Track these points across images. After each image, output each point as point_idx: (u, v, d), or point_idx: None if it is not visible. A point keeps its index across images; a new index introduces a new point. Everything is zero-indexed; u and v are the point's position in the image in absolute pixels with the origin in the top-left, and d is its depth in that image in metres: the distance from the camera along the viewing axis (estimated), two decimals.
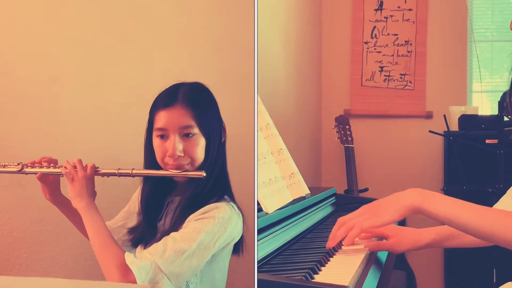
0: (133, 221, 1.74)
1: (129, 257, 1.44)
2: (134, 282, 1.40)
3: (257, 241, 1.42)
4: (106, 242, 1.50)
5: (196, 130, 1.57)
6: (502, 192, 1.69)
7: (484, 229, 1.38)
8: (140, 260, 1.44)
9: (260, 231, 1.45)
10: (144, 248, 1.54)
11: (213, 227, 1.49)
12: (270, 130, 1.87)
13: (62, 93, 2.01)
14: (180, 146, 1.55)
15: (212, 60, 2.10)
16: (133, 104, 2.02)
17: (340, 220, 1.50)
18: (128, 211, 1.78)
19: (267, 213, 1.58)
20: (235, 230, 1.55)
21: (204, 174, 1.53)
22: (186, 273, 1.47)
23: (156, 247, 1.47)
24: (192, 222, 1.50)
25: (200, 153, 1.58)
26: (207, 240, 1.48)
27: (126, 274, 1.42)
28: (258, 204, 1.59)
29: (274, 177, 1.75)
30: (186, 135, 1.56)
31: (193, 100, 1.58)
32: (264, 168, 1.72)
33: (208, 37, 2.12)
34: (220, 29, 2.13)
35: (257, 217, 1.48)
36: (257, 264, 1.37)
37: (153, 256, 1.44)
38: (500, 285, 1.59)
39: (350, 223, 1.45)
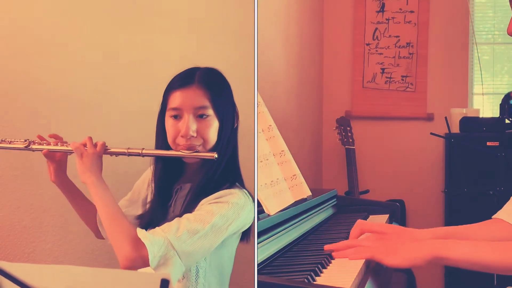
0: (136, 210, 1.73)
1: (141, 232, 1.42)
2: (146, 256, 1.38)
3: (259, 243, 1.42)
4: (116, 216, 1.48)
5: (210, 111, 1.57)
6: (503, 194, 1.70)
7: (508, 264, 1.37)
8: (153, 235, 1.42)
9: (262, 232, 1.45)
10: None
11: (227, 211, 1.49)
12: (272, 131, 1.87)
13: (74, 80, 2.02)
14: (193, 126, 1.55)
15: (213, 59, 2.10)
16: (144, 91, 2.03)
17: (355, 241, 1.50)
18: (130, 200, 1.77)
19: (269, 214, 1.58)
20: (248, 217, 1.55)
21: (216, 156, 1.52)
22: (197, 254, 1.46)
23: (169, 225, 1.45)
24: (206, 205, 1.50)
25: (213, 135, 1.57)
26: (221, 223, 1.47)
27: (138, 248, 1.40)
28: (260, 205, 1.59)
29: (276, 178, 1.75)
30: (200, 116, 1.56)
31: (209, 82, 1.59)
32: (266, 170, 1.72)
33: (212, 34, 2.13)
34: (222, 28, 2.14)
35: (259, 219, 1.48)
36: (259, 266, 1.37)
37: (166, 233, 1.42)
38: None
39: (362, 248, 1.45)
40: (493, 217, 1.63)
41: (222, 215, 1.48)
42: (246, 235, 1.64)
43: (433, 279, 3.92)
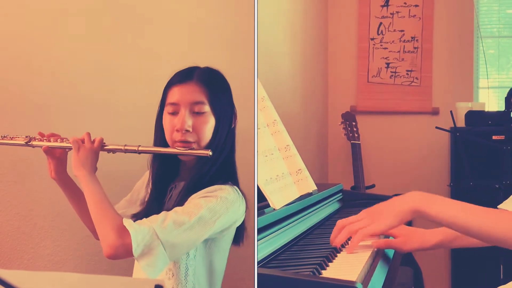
0: (134, 210, 1.73)
1: (127, 221, 1.43)
2: (130, 245, 1.38)
3: (265, 237, 1.42)
4: (104, 207, 1.48)
5: (207, 108, 1.58)
6: (509, 188, 1.70)
7: (485, 230, 1.36)
8: (139, 225, 1.42)
9: (267, 227, 1.45)
10: None
11: (216, 205, 1.49)
12: (277, 126, 1.87)
13: (71, 82, 2.03)
14: (189, 121, 1.56)
15: (215, 56, 2.11)
16: (141, 94, 2.04)
17: (340, 223, 1.49)
18: (130, 200, 1.78)
19: (274, 209, 1.58)
20: (237, 213, 1.55)
21: (210, 153, 1.53)
22: (182, 246, 1.46)
23: (156, 216, 1.46)
24: (195, 199, 1.50)
25: (208, 132, 1.58)
26: (208, 217, 1.47)
27: (123, 236, 1.40)
28: (265, 200, 1.59)
29: (281, 173, 1.75)
30: (197, 113, 1.57)
31: (207, 80, 1.60)
32: (271, 164, 1.72)
33: (213, 32, 2.13)
34: (224, 25, 2.14)
35: (264, 213, 1.49)
36: (265, 260, 1.38)
37: (152, 223, 1.43)
38: (508, 282, 1.59)
39: (351, 228, 1.44)
40: (498, 207, 1.64)
41: (209, 208, 1.48)
42: (239, 238, 1.65)
43: (440, 273, 3.92)
